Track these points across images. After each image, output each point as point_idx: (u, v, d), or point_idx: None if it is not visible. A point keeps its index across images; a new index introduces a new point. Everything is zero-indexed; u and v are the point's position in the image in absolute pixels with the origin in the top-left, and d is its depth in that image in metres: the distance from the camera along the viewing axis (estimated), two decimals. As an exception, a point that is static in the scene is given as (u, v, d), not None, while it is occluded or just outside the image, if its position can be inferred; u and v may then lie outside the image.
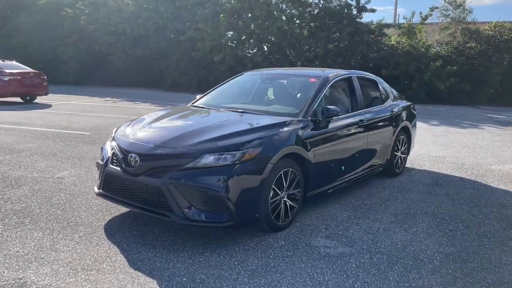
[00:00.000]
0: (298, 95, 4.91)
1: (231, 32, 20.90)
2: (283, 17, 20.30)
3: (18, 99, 15.02)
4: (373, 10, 20.29)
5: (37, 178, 5.35)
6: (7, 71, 14.20)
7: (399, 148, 6.08)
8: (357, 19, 20.07)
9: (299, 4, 20.08)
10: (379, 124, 5.50)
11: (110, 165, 3.88)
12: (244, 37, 20.70)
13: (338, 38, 20.17)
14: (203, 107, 4.92)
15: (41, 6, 26.37)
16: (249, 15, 20.75)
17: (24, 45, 26.65)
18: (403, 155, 6.21)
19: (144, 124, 4.22)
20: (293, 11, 20.41)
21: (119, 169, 3.78)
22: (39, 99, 15.45)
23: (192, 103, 5.18)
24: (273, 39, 20.64)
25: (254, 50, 21.44)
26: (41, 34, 25.78)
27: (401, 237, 3.92)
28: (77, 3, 24.58)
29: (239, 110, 4.60)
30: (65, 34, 24.83)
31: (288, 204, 3.97)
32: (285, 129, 4.04)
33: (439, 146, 8.66)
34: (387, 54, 19.62)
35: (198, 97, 5.35)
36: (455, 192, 5.46)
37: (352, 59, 19.95)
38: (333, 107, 4.51)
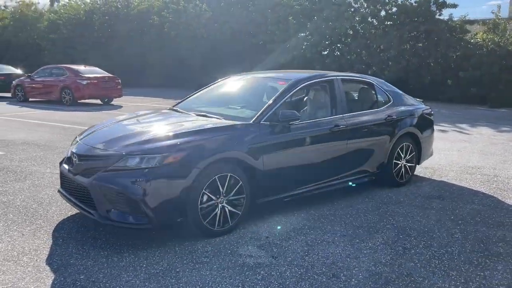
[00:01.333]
0: (264, 99, 4.80)
1: (302, 34, 20.76)
2: (356, 17, 19.67)
3: (98, 101, 16.51)
4: (454, 6, 18.76)
5: (45, 173, 5.90)
6: (86, 75, 15.74)
7: (402, 156, 5.61)
8: (436, 16, 18.71)
9: (372, 3, 19.30)
10: (367, 129, 5.16)
11: (63, 164, 4.19)
12: (313, 38, 20.43)
13: (414, 38, 18.99)
14: (176, 110, 5.03)
15: (134, 15, 28.64)
16: (319, 16, 20.42)
17: (119, 51, 29.14)
18: (408, 164, 5.72)
19: (101, 125, 4.47)
20: (366, 10, 19.67)
21: (67, 168, 4.07)
22: (115, 101, 16.84)
23: (173, 106, 5.33)
24: (344, 39, 20.10)
25: (325, 52, 21.07)
26: (133, 41, 28.00)
27: (339, 252, 3.66)
28: (163, 11, 26.27)
29: (200, 114, 4.64)
30: (152, 40, 26.70)
31: (227, 210, 3.93)
32: (226, 133, 4.00)
33: (485, 155, 7.79)
34: (469, 53, 18.00)
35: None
36: (453, 207, 4.92)
37: (430, 59, 18.66)
38: (291, 111, 4.35)
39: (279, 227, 4.18)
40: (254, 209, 4.26)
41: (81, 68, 16.55)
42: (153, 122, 4.55)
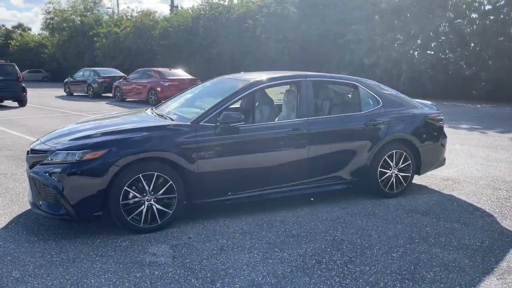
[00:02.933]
0: (218, 100, 4.75)
1: (389, 33, 19.67)
2: (449, 14, 18.05)
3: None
4: None
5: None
6: (169, 78, 17.01)
7: (392, 164, 5.13)
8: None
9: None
10: (338, 134, 4.84)
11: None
12: (401, 37, 19.22)
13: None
14: (152, 110, 5.26)
15: (232, 20, 29.91)
16: (408, 13, 19.14)
17: (218, 55, 30.69)
18: (402, 174, 5.21)
19: (71, 124, 4.89)
20: (462, 5, 17.91)
21: None
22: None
23: (155, 106, 5.56)
24: (436, 37, 18.56)
25: (415, 52, 19.67)
26: (231, 45, 29.27)
27: (242, 259, 3.54)
28: (257, 15, 27.00)
29: (160, 114, 4.81)
30: (246, 44, 27.61)
31: (155, 208, 4.05)
32: (156, 133, 4.11)
33: (535, 168, 6.69)
34: None
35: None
36: (427, 224, 4.38)
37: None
38: (236, 113, 4.30)
39: (210, 231, 4.17)
40: (205, 209, 4.33)
41: (166, 71, 17.91)
42: (106, 121, 4.85)
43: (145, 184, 3.97)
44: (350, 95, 5.28)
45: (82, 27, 46.96)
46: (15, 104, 17.28)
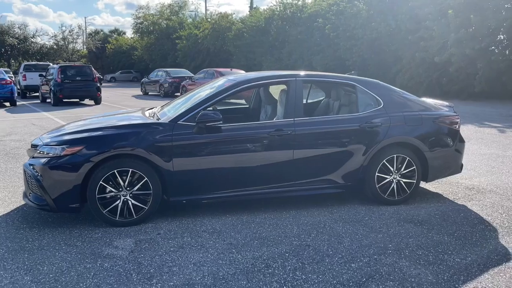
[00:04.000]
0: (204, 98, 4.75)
1: (463, 29, 18.22)
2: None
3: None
4: None
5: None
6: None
7: (393, 170, 4.80)
8: None
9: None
10: (328, 135, 4.63)
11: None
12: (478, 33, 17.70)
13: None
14: (151, 108, 5.44)
15: (304, 19, 29.70)
16: (486, 7, 17.57)
17: (288, 55, 30.66)
18: (405, 180, 4.85)
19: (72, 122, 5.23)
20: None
21: None
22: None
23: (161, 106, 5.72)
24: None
25: (495, 49, 18.02)
26: (301, 44, 29.11)
27: (193, 258, 3.55)
28: (328, 13, 26.52)
29: (152, 114, 4.96)
30: (316, 43, 27.25)
31: (131, 203, 4.20)
32: (133, 131, 4.25)
33: None
34: None
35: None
36: (414, 235, 4.05)
37: None
38: (214, 112, 4.31)
39: (183, 228, 4.23)
40: (190, 207, 4.45)
41: (227, 71, 18.29)
42: (98, 119, 5.10)
43: (120, 179, 4.13)
44: (347, 96, 5.02)
45: (167, 30, 49.64)
46: (92, 102, 18.76)
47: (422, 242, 3.89)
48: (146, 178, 4.18)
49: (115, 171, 4.11)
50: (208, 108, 4.49)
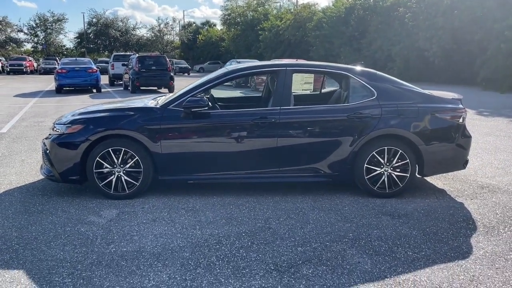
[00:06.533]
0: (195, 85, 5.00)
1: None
2: None
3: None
4: None
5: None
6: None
7: (384, 162, 4.73)
8: None
9: None
10: (313, 125, 4.67)
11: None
12: None
13: None
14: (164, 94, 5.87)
15: (385, 8, 28.57)
16: None
17: (367, 45, 29.74)
18: (396, 173, 4.75)
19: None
20: None
21: None
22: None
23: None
24: None
25: None
26: (380, 34, 28.08)
27: (152, 229, 3.89)
28: (409, 2, 25.25)
29: (156, 98, 5.38)
30: (395, 33, 26.11)
31: (123, 179, 4.67)
32: (127, 113, 4.69)
33: None
34: None
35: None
36: (381, 227, 4.02)
37: None
38: (200, 98, 4.59)
39: (164, 206, 4.59)
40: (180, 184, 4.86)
41: (292, 62, 18.39)
42: (108, 105, 5.56)
43: (114, 157, 4.61)
44: (338, 86, 4.99)
45: (252, 22, 50.66)
46: (166, 90, 20.00)
47: (386, 234, 3.85)
48: (137, 157, 4.60)
49: (110, 149, 4.59)
50: (200, 95, 4.78)
